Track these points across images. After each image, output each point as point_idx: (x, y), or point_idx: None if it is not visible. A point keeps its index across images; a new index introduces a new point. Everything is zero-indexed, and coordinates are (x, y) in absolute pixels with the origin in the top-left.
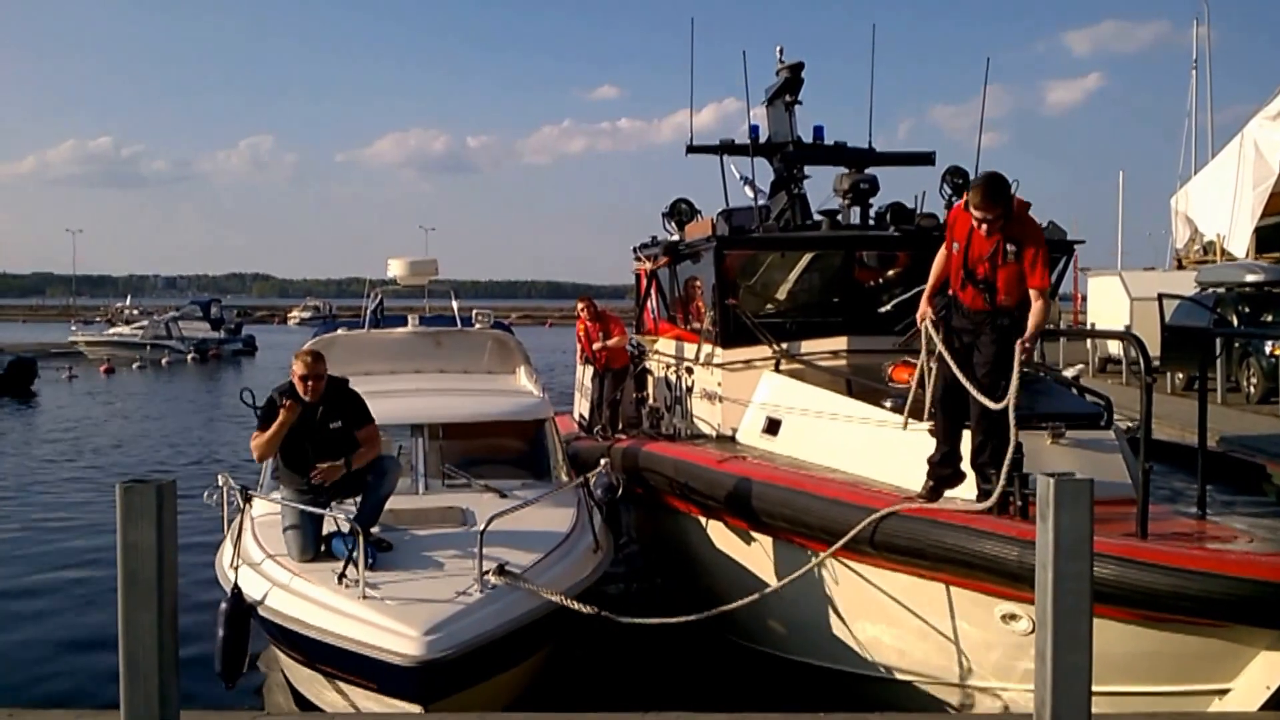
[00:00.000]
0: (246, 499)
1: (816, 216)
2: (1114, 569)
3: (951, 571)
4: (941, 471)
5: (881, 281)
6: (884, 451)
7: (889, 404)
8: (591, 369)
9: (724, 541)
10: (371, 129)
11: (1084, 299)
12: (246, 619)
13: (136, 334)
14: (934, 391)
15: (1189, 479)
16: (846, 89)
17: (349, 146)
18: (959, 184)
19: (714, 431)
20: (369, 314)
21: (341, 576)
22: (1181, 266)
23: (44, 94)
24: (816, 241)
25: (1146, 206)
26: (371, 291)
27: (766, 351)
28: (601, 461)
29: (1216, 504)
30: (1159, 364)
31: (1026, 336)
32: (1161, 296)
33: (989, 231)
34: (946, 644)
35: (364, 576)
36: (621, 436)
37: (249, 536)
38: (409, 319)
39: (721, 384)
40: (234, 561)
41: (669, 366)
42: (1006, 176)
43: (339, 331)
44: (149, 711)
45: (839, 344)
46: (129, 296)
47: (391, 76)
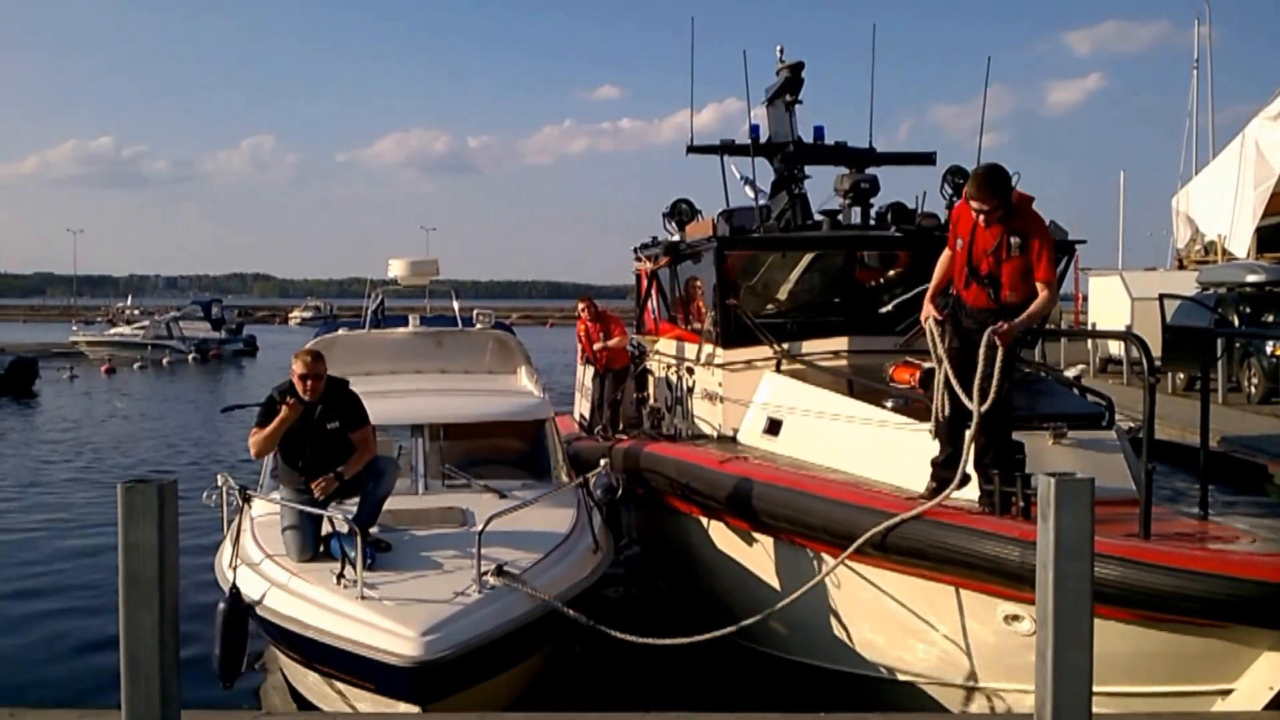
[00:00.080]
0: (245, 499)
1: (817, 216)
2: (1117, 569)
3: (953, 572)
4: (945, 474)
5: (882, 281)
6: (885, 452)
7: (890, 404)
8: (592, 369)
9: (725, 542)
10: (372, 129)
11: (1085, 299)
12: (245, 619)
13: (137, 334)
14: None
15: (1190, 479)
16: (847, 89)
17: (350, 146)
18: (960, 184)
19: (715, 432)
20: (370, 314)
21: (340, 577)
22: (1182, 266)
23: (45, 94)
24: (817, 241)
25: (1147, 206)
26: (372, 291)
27: (767, 352)
28: (601, 462)
29: (1218, 504)
30: (1160, 364)
31: (1015, 320)
32: (1162, 297)
33: (988, 223)
34: (948, 645)
35: (362, 577)
36: (622, 437)
37: (248, 537)
38: (410, 319)
39: (722, 384)
40: (233, 561)
41: (670, 367)
42: (1006, 169)
43: (340, 332)
44: (149, 711)
45: (840, 344)
46: (130, 296)
47: (392, 76)
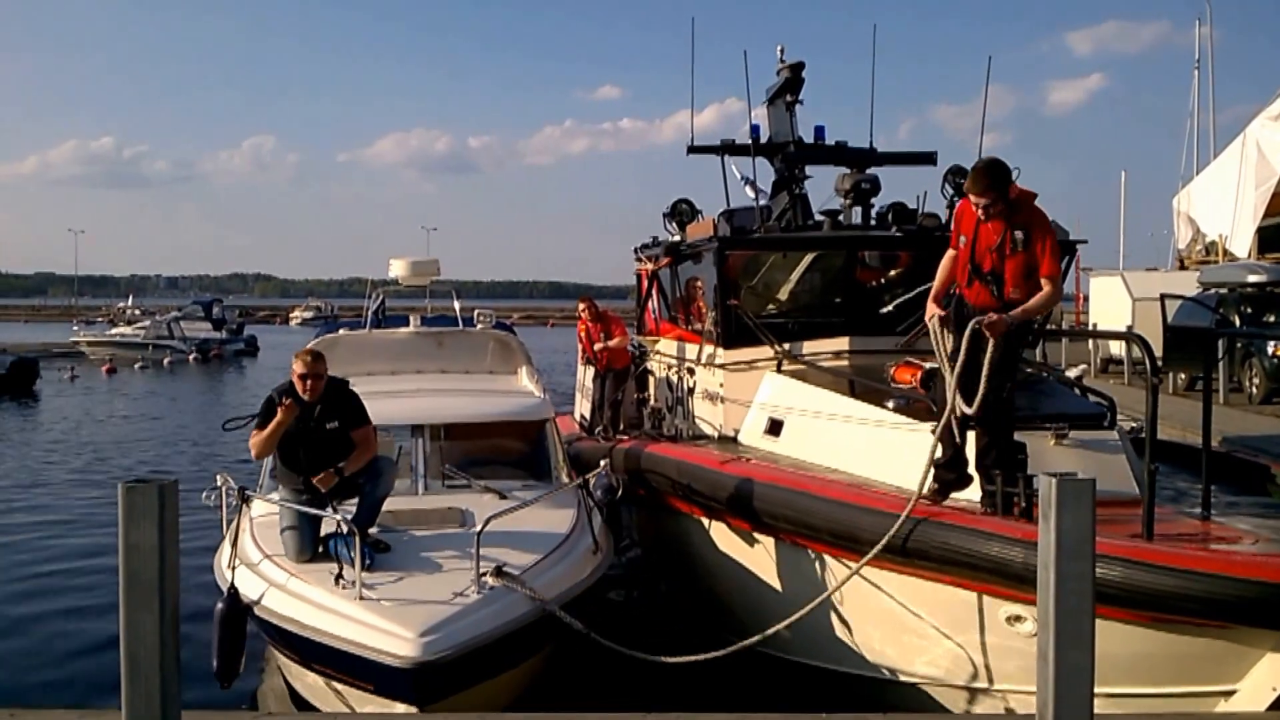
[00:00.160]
0: (244, 499)
1: (818, 217)
2: (1120, 570)
3: (955, 573)
4: (947, 475)
5: (883, 282)
6: (887, 452)
7: (891, 404)
8: (592, 370)
9: (726, 543)
10: (373, 129)
11: (1086, 299)
12: (243, 619)
13: (138, 334)
14: (938, 394)
15: (1192, 479)
16: (847, 89)
17: (351, 146)
18: (961, 183)
19: (716, 432)
20: (370, 314)
21: (339, 577)
22: (1184, 267)
23: (45, 94)
24: (818, 242)
25: (1148, 207)
26: (373, 292)
27: (768, 352)
28: (601, 463)
29: (1220, 505)
30: (1161, 365)
31: (1012, 313)
32: (1164, 297)
33: (988, 216)
34: (950, 646)
35: (361, 577)
36: (623, 437)
37: (247, 537)
38: (410, 319)
39: (723, 385)
40: (231, 562)
41: (670, 367)
42: (1005, 162)
43: (341, 332)
44: (150, 711)
45: (841, 344)
46: (131, 297)
47: (393, 76)
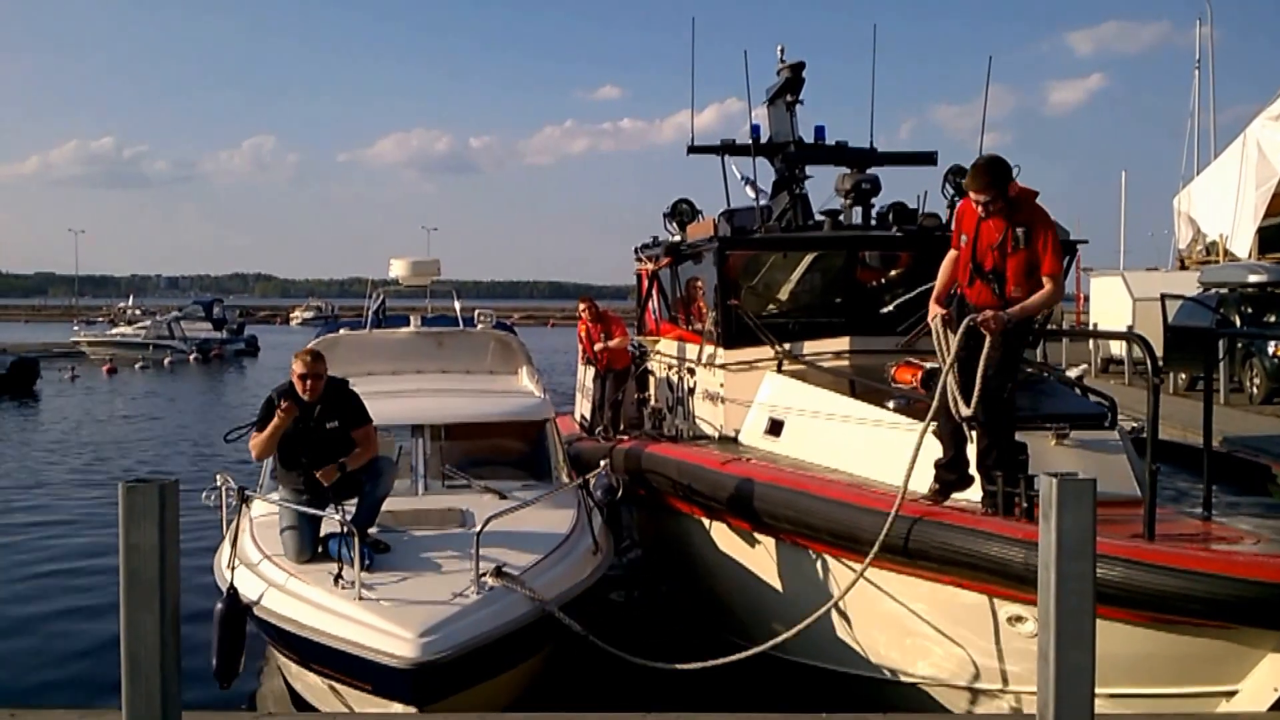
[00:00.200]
0: (243, 499)
1: (818, 216)
2: (1122, 571)
3: (956, 573)
4: (947, 476)
5: (884, 282)
6: (887, 452)
7: (892, 405)
8: (593, 370)
9: (727, 543)
10: (373, 129)
11: (1086, 299)
12: (242, 619)
13: (139, 334)
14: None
15: (1193, 479)
16: (847, 89)
17: (351, 147)
18: (961, 183)
19: (716, 432)
20: (371, 314)
21: (338, 578)
22: (1184, 267)
23: (46, 94)
24: (819, 242)
25: (1149, 207)
26: (374, 292)
27: (769, 352)
28: (601, 463)
29: (1221, 505)
30: (1162, 365)
31: (1010, 310)
32: (1164, 297)
33: (988, 213)
34: (951, 646)
35: (360, 578)
36: (623, 438)
37: (246, 537)
38: (411, 319)
39: (724, 385)
40: (231, 562)
41: (671, 367)
42: (1007, 160)
43: (341, 332)
44: (150, 711)
45: (841, 344)
46: (131, 296)
47: (393, 77)
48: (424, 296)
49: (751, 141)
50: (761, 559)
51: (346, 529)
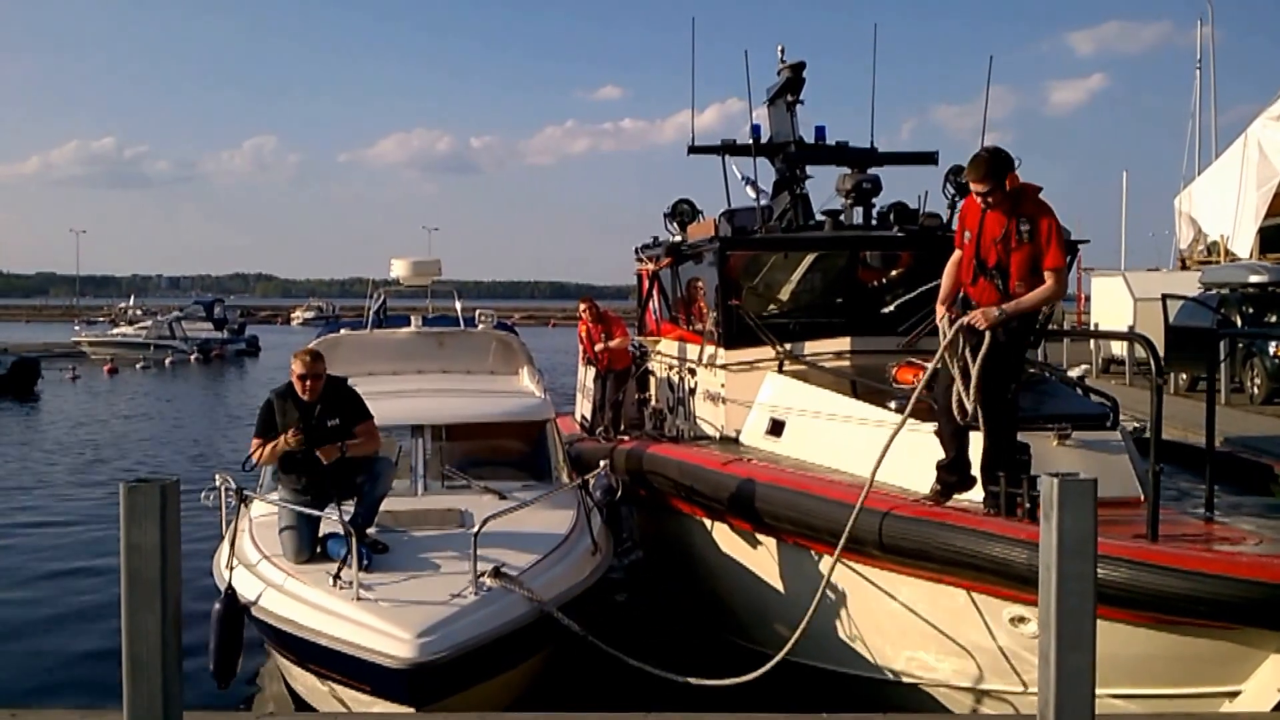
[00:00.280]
0: (242, 500)
1: (819, 217)
2: (1126, 572)
3: (959, 574)
4: (949, 477)
5: (885, 282)
6: (890, 452)
7: (893, 405)
8: (593, 370)
9: (728, 544)
10: (374, 129)
11: (1087, 299)
12: (240, 620)
13: (140, 334)
14: (939, 396)
15: (1194, 479)
16: (848, 89)
17: (352, 147)
18: (962, 183)
19: (717, 433)
20: (372, 314)
21: (336, 578)
22: (1185, 267)
23: (47, 94)
24: (820, 242)
25: (1150, 207)
26: (374, 292)
27: (770, 352)
28: (601, 463)
29: (1223, 505)
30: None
31: (1004, 305)
32: (1165, 297)
33: (988, 207)
34: (953, 647)
35: (358, 578)
36: (624, 438)
37: (245, 537)
38: (412, 319)
39: (725, 385)
40: (230, 562)
41: (672, 368)
42: (1008, 153)
43: (342, 332)
44: (151, 712)
45: (842, 345)
46: (132, 297)
47: (394, 77)
48: (425, 296)
49: (752, 141)
50: (763, 560)
51: (345, 529)
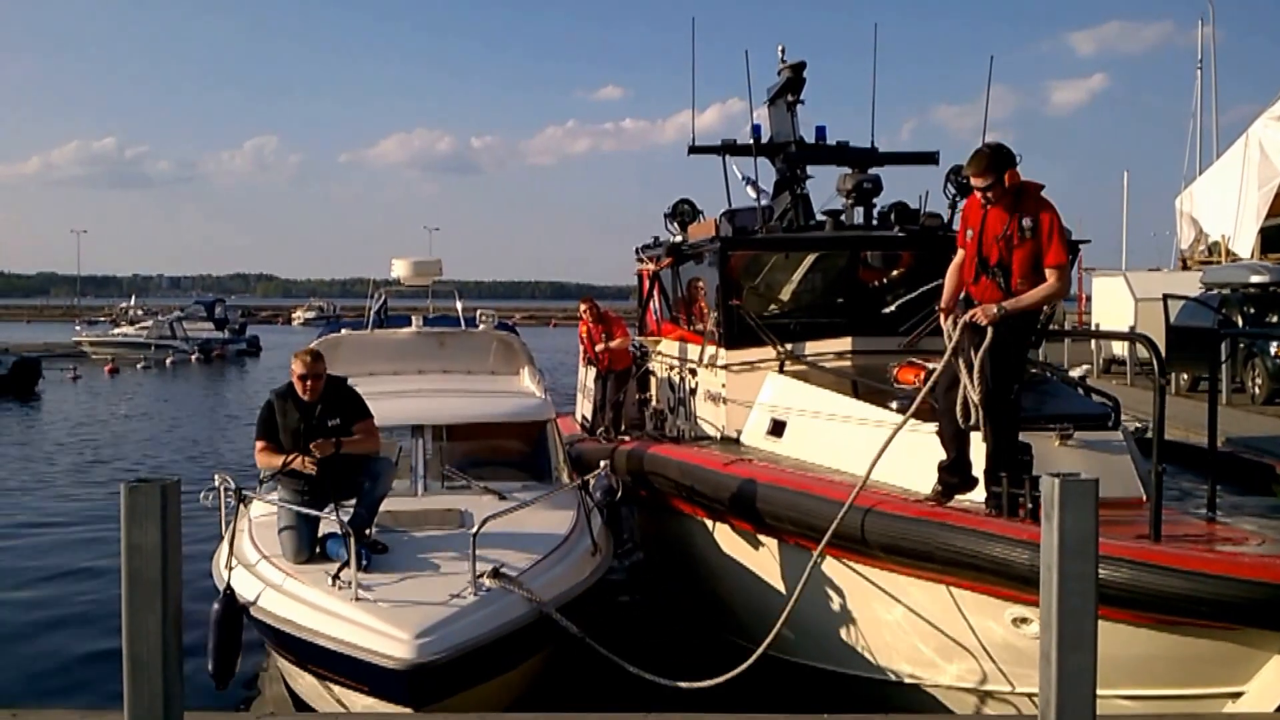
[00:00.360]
0: (241, 500)
1: (819, 217)
2: (1128, 572)
3: (961, 575)
4: (951, 479)
5: (886, 282)
6: (890, 453)
7: (895, 405)
8: (594, 370)
9: (729, 544)
10: (375, 129)
11: (1088, 299)
12: (239, 620)
13: (141, 334)
14: (939, 396)
15: (1196, 479)
16: (849, 89)
17: (353, 147)
18: (963, 183)
19: (718, 433)
20: (373, 314)
21: (335, 578)
22: (1186, 267)
23: (47, 95)
24: (821, 242)
25: (1151, 207)
26: (375, 292)
27: (771, 353)
28: (601, 463)
29: (1225, 505)
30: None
31: (1005, 302)
32: (1166, 297)
33: (988, 202)
34: (956, 648)
35: (357, 578)
36: (625, 438)
37: (245, 537)
38: (413, 319)
39: (725, 385)
40: (229, 562)
41: (672, 368)
42: (1010, 149)
43: (343, 332)
44: (152, 712)
45: (843, 345)
46: (133, 297)
47: (395, 77)
48: (426, 297)
49: (753, 141)
50: (764, 560)
51: (344, 530)
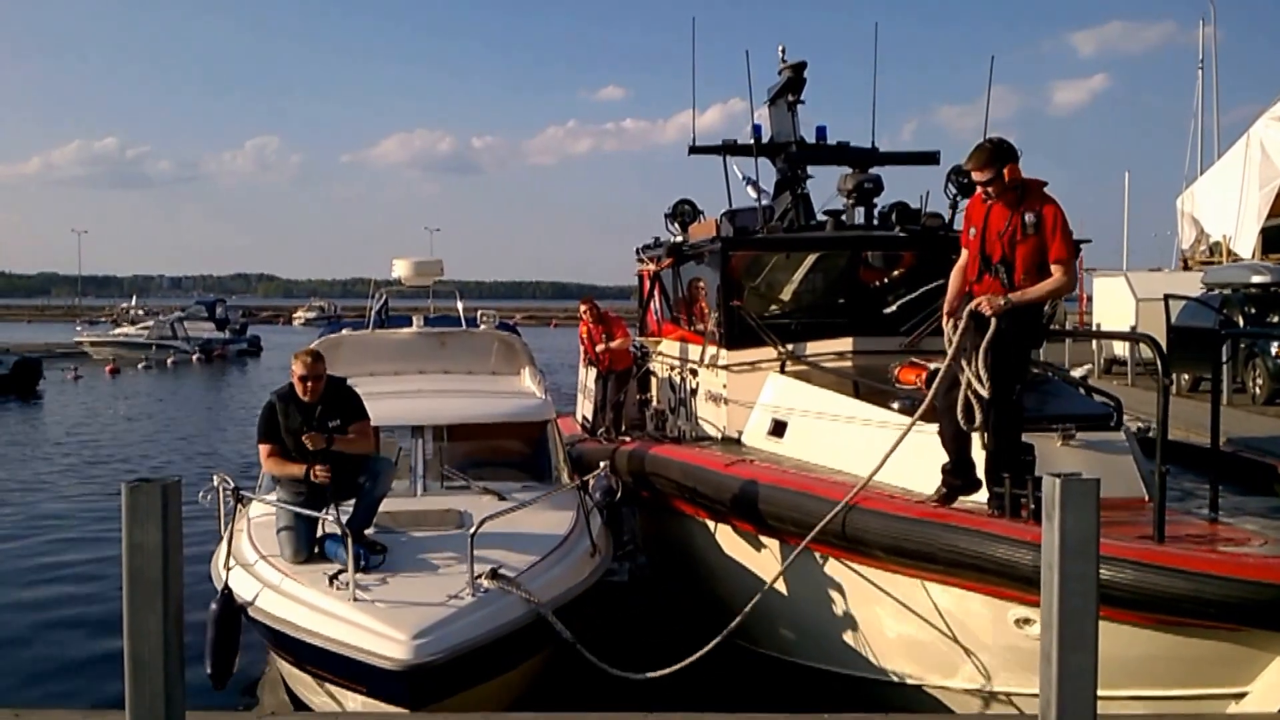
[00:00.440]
0: (240, 500)
1: (820, 217)
2: (1133, 573)
3: (964, 575)
4: (955, 481)
5: (887, 282)
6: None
7: (896, 405)
8: (595, 371)
9: (731, 545)
10: (376, 130)
11: (1089, 299)
12: (237, 620)
13: (141, 334)
14: (940, 397)
15: (1198, 479)
16: (850, 90)
17: (354, 147)
18: (964, 183)
19: (719, 434)
20: (374, 314)
21: (333, 579)
22: (1187, 267)
23: (49, 95)
24: (822, 242)
25: (1152, 207)
26: (376, 292)
27: (771, 353)
28: (600, 464)
29: (1227, 506)
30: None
31: (1011, 295)
32: (1168, 297)
33: (989, 197)
34: (958, 649)
35: (355, 579)
36: (626, 439)
37: (243, 537)
38: (414, 319)
39: (726, 386)
40: (227, 563)
41: (673, 368)
42: (1011, 144)
43: (344, 332)
44: (154, 712)
45: (844, 345)
46: (134, 297)
47: (396, 77)
48: (427, 297)
49: (753, 141)
50: (766, 562)
51: (342, 530)
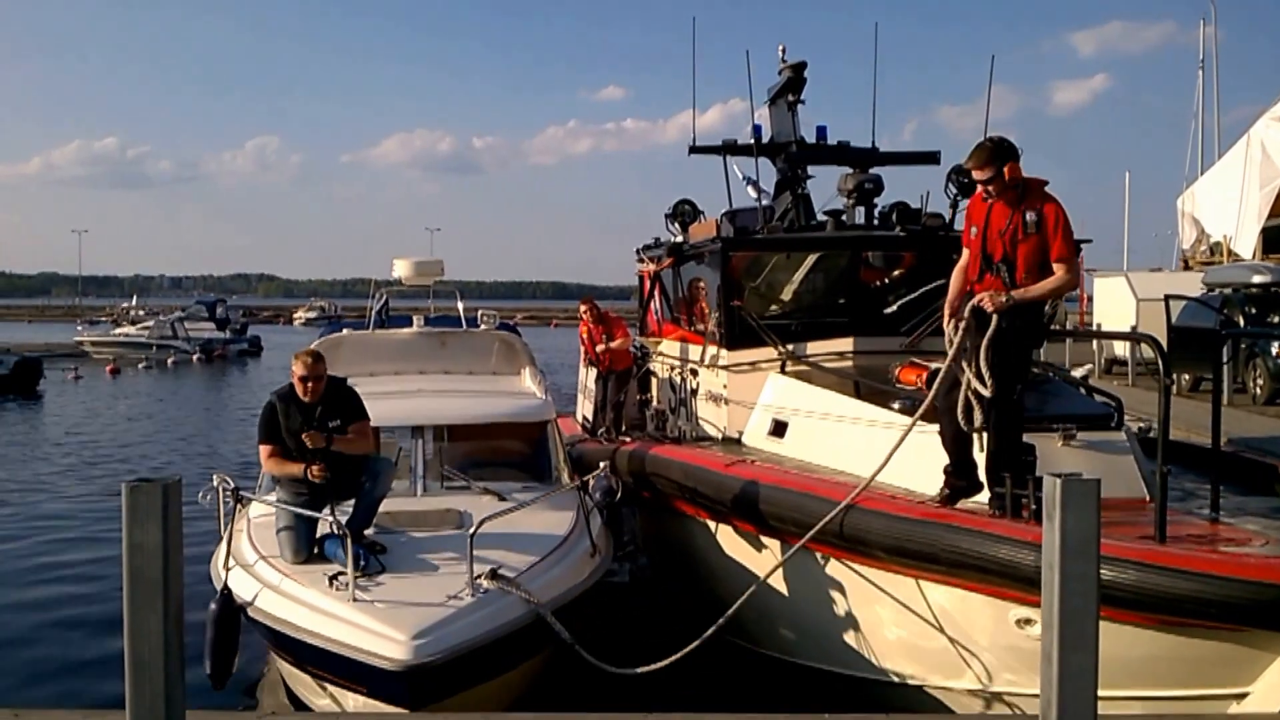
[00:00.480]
0: (239, 500)
1: (820, 217)
2: (1133, 573)
3: (965, 576)
4: (957, 482)
5: (887, 282)
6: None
7: (897, 405)
8: (595, 371)
9: (731, 546)
10: (377, 130)
11: (1090, 299)
12: (236, 620)
13: (142, 334)
14: (940, 397)
15: (1198, 479)
16: (850, 90)
17: (354, 147)
18: (965, 183)
19: (720, 434)
20: (374, 314)
21: (333, 579)
22: (1188, 267)
23: (49, 95)
24: (822, 242)
25: (1153, 207)
26: (377, 292)
27: (772, 353)
28: (600, 464)
29: (1228, 506)
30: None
31: (1014, 292)
32: (1168, 297)
33: (989, 195)
34: (959, 649)
35: (354, 579)
36: (626, 439)
37: (243, 538)
38: (414, 320)
39: (727, 386)
40: (226, 563)
41: (673, 368)
42: (1012, 142)
43: (344, 332)
44: (154, 712)
45: (845, 345)
46: (134, 297)
47: (397, 77)
48: (427, 297)
49: (753, 141)
50: (767, 562)
51: (341, 530)
